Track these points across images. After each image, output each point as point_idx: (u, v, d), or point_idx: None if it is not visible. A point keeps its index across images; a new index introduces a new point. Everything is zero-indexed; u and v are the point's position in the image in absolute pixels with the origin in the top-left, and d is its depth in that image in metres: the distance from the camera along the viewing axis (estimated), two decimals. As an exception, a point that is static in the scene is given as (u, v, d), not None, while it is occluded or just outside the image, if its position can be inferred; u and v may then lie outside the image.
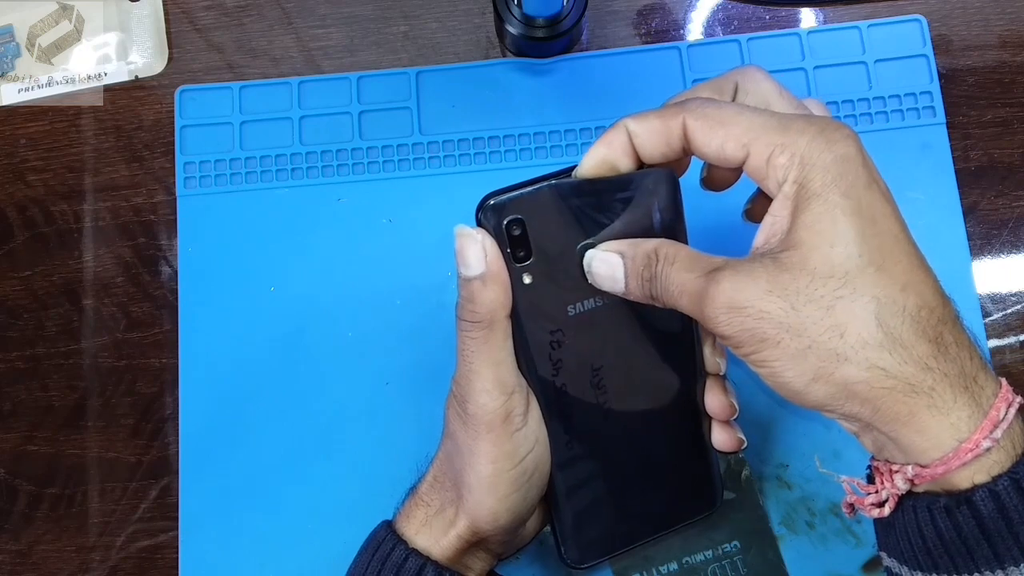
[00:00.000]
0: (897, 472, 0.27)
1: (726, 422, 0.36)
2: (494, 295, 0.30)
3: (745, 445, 0.36)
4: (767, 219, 0.28)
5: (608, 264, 0.30)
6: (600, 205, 0.31)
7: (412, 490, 0.35)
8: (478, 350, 0.31)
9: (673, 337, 0.34)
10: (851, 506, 0.29)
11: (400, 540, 0.32)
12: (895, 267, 0.26)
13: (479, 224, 0.31)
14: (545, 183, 0.31)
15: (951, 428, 0.25)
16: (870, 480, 0.29)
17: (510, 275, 0.31)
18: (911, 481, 0.27)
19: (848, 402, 0.26)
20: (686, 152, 0.30)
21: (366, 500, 0.43)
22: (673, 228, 0.32)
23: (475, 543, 0.33)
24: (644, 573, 0.42)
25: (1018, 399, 0.26)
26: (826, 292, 0.25)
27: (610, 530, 0.35)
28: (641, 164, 0.31)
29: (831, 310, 0.25)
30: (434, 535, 0.32)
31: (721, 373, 0.35)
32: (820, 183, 0.26)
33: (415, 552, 0.32)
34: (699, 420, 0.36)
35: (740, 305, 0.26)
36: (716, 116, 0.28)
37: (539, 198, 0.31)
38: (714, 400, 0.35)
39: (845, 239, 0.26)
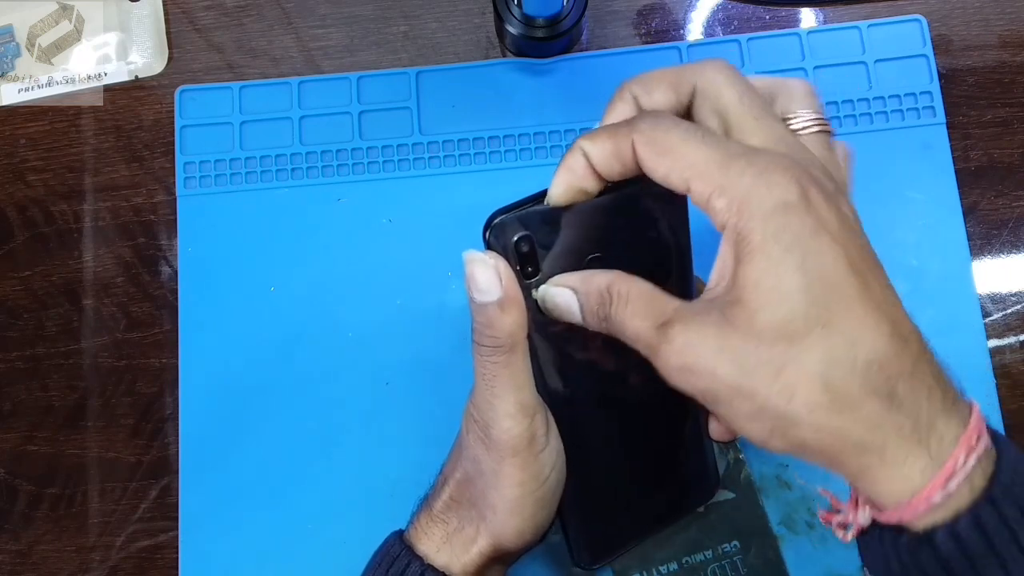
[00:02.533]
0: (860, 507, 0.27)
1: None
2: (513, 319, 0.30)
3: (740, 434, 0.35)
4: (719, 257, 0.27)
5: (563, 299, 0.30)
6: (606, 217, 0.31)
7: (425, 505, 0.34)
8: (499, 375, 0.30)
9: None
10: (826, 519, 0.30)
11: (415, 556, 0.32)
12: (844, 322, 0.25)
13: (488, 243, 0.30)
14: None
15: (904, 481, 0.25)
16: (851, 500, 0.29)
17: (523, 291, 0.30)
18: (872, 518, 0.27)
19: (806, 455, 0.26)
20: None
21: (366, 500, 0.43)
22: (677, 244, 0.32)
23: (495, 559, 0.33)
24: (644, 573, 0.42)
25: (983, 440, 0.25)
26: (773, 356, 0.25)
27: (617, 529, 0.36)
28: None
29: (780, 373, 0.25)
30: (455, 552, 0.32)
31: None
32: (760, 236, 0.25)
33: (431, 568, 0.32)
34: (697, 415, 0.36)
35: (691, 367, 0.26)
36: (661, 143, 0.27)
37: (545, 214, 0.30)
38: None
39: (790, 300, 0.25)
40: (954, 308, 0.45)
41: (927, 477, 0.25)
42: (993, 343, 0.45)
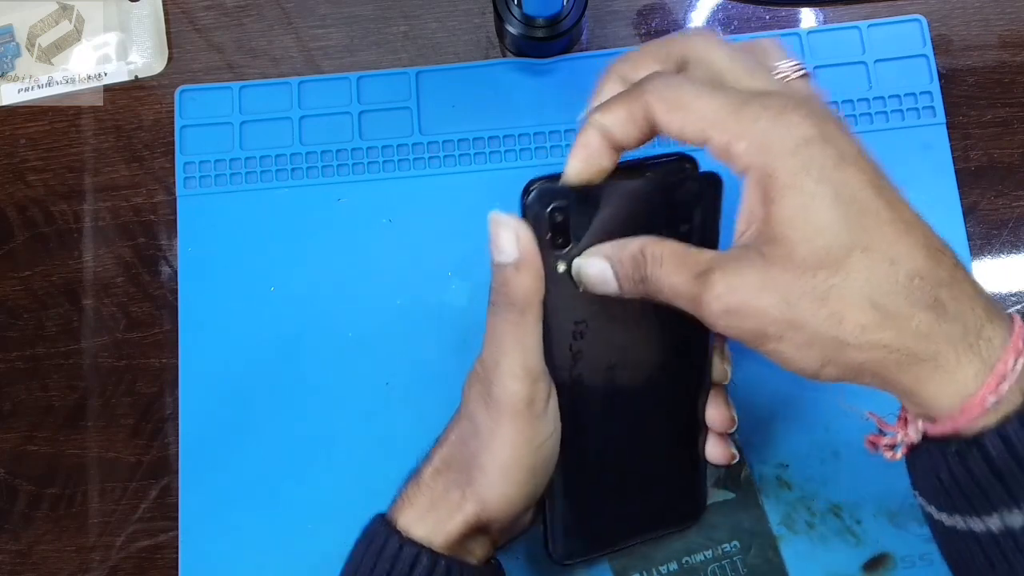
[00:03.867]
0: (911, 423, 0.28)
1: (722, 435, 0.36)
2: (527, 281, 0.30)
3: (736, 459, 0.36)
4: (743, 204, 0.28)
5: (598, 270, 0.30)
6: (643, 201, 0.31)
7: (413, 476, 0.35)
8: (508, 333, 0.31)
9: (688, 340, 0.34)
10: (872, 442, 0.30)
11: (394, 531, 0.32)
12: (881, 243, 0.26)
13: (524, 205, 0.31)
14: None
15: (957, 387, 0.26)
16: (899, 419, 0.30)
17: (545, 261, 0.31)
18: (924, 432, 0.27)
19: (860, 377, 0.27)
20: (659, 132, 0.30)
21: (366, 500, 0.43)
22: (708, 232, 0.32)
23: (479, 528, 0.33)
24: (644, 573, 0.42)
25: None
26: (817, 283, 0.26)
27: (598, 530, 0.36)
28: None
29: (825, 300, 0.26)
30: (439, 518, 0.32)
31: (726, 382, 0.35)
32: (787, 173, 0.26)
33: (409, 542, 0.32)
34: (696, 431, 0.36)
35: (736, 308, 0.27)
36: (674, 99, 0.28)
37: (586, 188, 0.30)
38: (715, 411, 0.35)
39: (827, 229, 0.26)
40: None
41: (980, 381, 0.25)
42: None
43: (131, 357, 0.46)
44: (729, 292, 0.27)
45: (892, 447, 0.29)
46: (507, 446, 0.31)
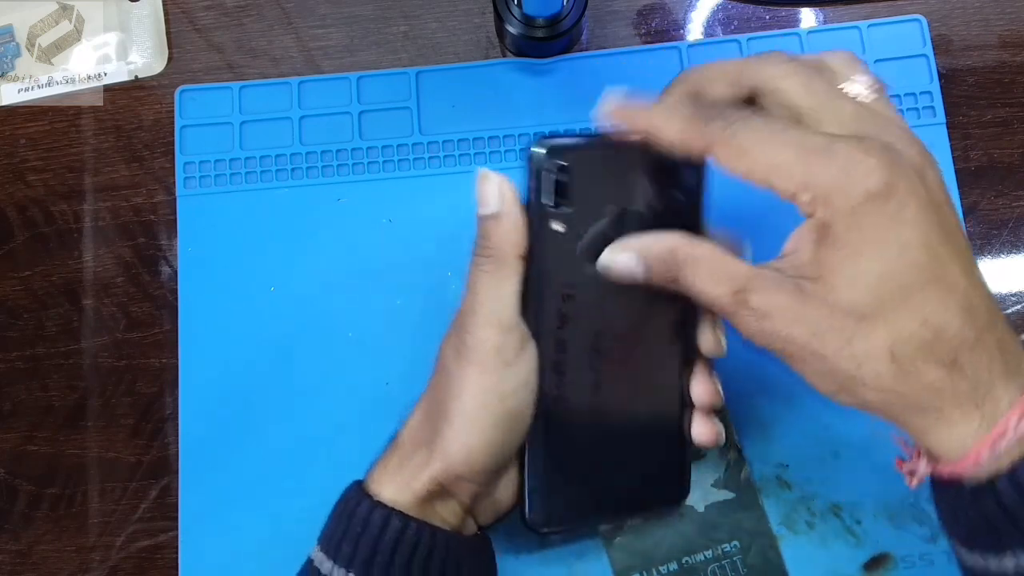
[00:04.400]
0: (922, 457, 0.30)
1: (708, 413, 0.36)
2: (505, 232, 0.31)
3: (722, 440, 0.36)
4: (797, 232, 0.29)
5: (626, 264, 0.31)
6: (648, 176, 0.32)
7: (390, 443, 0.35)
8: (484, 284, 0.32)
9: (679, 316, 0.35)
10: (899, 464, 0.31)
11: (365, 495, 0.33)
12: (915, 303, 0.27)
13: (529, 159, 0.31)
14: (600, 139, 0.32)
15: (956, 439, 0.27)
16: (916, 450, 0.31)
17: (541, 219, 0.31)
18: (931, 468, 0.29)
19: (870, 410, 0.29)
20: None
21: (366, 500, 0.43)
22: (698, 215, 0.33)
23: (447, 488, 0.33)
24: (644, 573, 0.42)
25: None
26: (846, 326, 0.27)
27: (577, 501, 0.35)
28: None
29: (850, 343, 0.27)
30: (405, 479, 0.33)
31: (721, 355, 0.35)
32: (844, 228, 0.27)
33: (380, 505, 0.32)
34: (683, 410, 0.36)
35: (769, 331, 0.28)
36: (737, 146, 0.28)
37: (592, 153, 0.31)
38: (700, 386, 0.35)
39: (868, 283, 0.27)
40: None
41: (979, 436, 0.27)
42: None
43: (131, 357, 0.46)
44: (765, 318, 0.28)
45: (912, 474, 0.30)
46: (472, 394, 0.31)
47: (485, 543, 0.36)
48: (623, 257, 0.31)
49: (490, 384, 0.32)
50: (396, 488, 0.33)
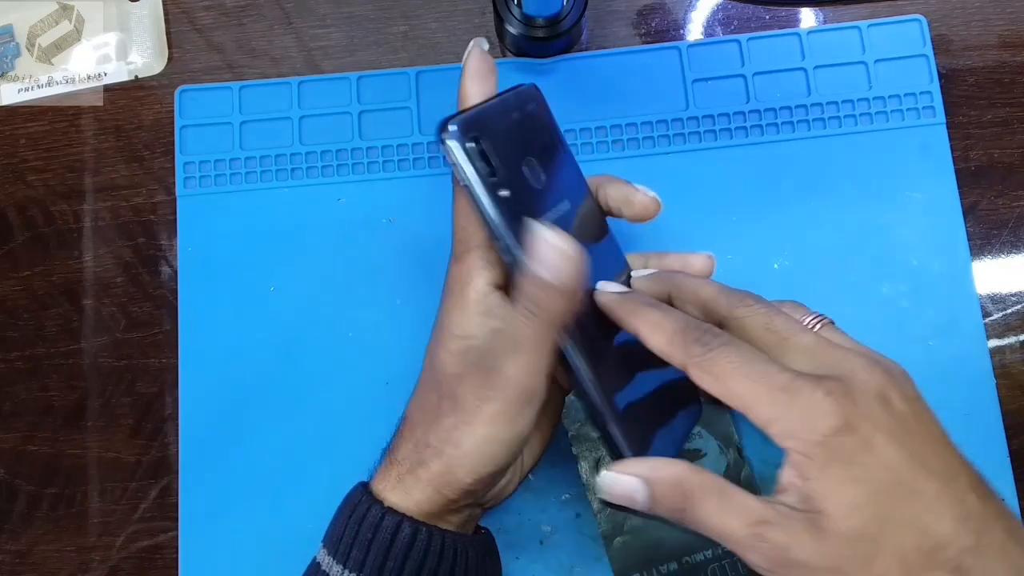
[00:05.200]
0: None
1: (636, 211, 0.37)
2: (568, 305, 0.31)
3: (658, 205, 0.37)
4: (787, 465, 0.30)
5: (629, 489, 0.31)
6: (518, 119, 0.33)
7: (388, 450, 0.35)
8: (532, 339, 0.31)
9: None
10: None
11: (376, 500, 0.33)
12: (908, 516, 0.28)
13: (443, 143, 0.31)
14: (483, 104, 0.32)
15: None
16: None
17: (489, 194, 0.31)
18: None
19: None
20: None
21: (366, 500, 0.43)
22: (557, 131, 0.36)
23: (454, 500, 0.33)
24: (644, 573, 0.42)
25: None
26: (859, 551, 0.28)
27: (649, 433, 0.35)
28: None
29: (869, 564, 0.28)
30: (413, 489, 0.33)
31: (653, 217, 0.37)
32: (819, 460, 0.28)
33: (390, 510, 0.32)
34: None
35: (790, 562, 0.29)
36: (713, 373, 0.30)
37: (486, 116, 0.32)
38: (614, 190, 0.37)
39: (859, 508, 0.28)
40: (954, 308, 0.45)
41: None
42: (993, 343, 0.45)
43: (131, 357, 0.46)
44: (783, 552, 0.29)
45: None
46: (486, 432, 0.31)
47: (491, 542, 0.36)
48: (626, 481, 0.31)
49: (505, 421, 0.32)
50: (404, 495, 0.33)
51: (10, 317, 0.47)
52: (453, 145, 0.31)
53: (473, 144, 0.31)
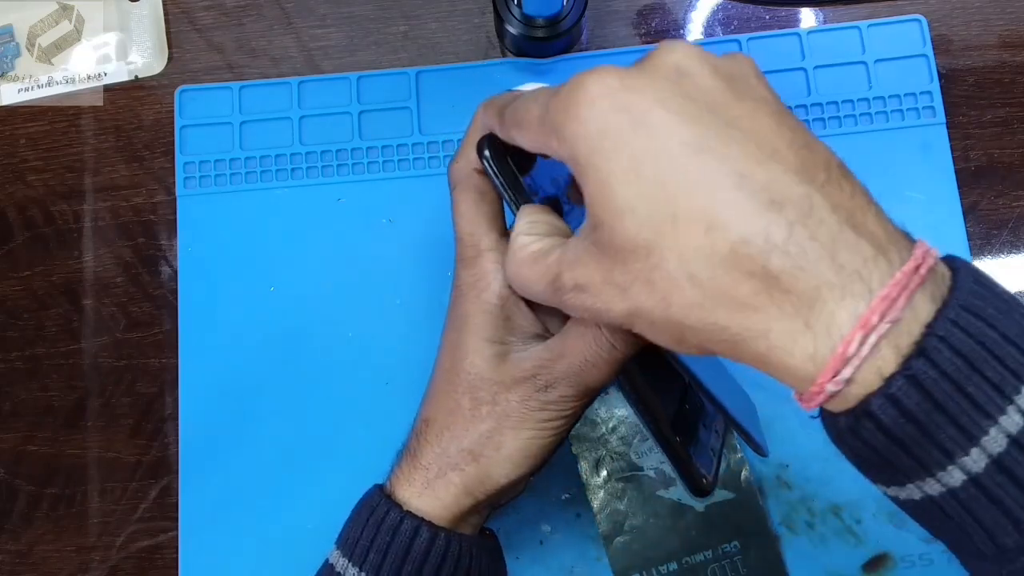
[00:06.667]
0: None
1: None
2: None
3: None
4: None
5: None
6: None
7: (407, 454, 0.34)
8: (608, 360, 0.30)
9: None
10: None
11: (394, 504, 0.32)
12: (691, 209, 0.23)
13: (491, 159, 0.31)
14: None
15: (796, 370, 0.23)
16: None
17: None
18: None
19: (717, 353, 0.25)
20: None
21: (366, 500, 0.43)
22: None
23: (476, 505, 0.33)
24: (644, 573, 0.42)
25: (895, 311, 0.22)
26: (640, 268, 0.24)
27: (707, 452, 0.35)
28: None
29: (652, 284, 0.24)
30: (436, 494, 0.32)
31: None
32: (584, 155, 0.24)
33: (409, 514, 0.32)
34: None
35: (577, 288, 0.26)
36: (513, 122, 0.28)
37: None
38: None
39: (630, 208, 0.23)
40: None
41: (820, 365, 0.22)
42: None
43: (131, 357, 0.46)
44: (578, 292, 0.26)
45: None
46: (536, 431, 0.31)
47: (498, 544, 0.36)
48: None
49: (552, 426, 0.32)
50: (432, 499, 0.32)
51: (10, 317, 0.47)
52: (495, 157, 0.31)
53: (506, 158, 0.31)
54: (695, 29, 0.49)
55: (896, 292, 0.22)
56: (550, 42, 0.46)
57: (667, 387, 0.34)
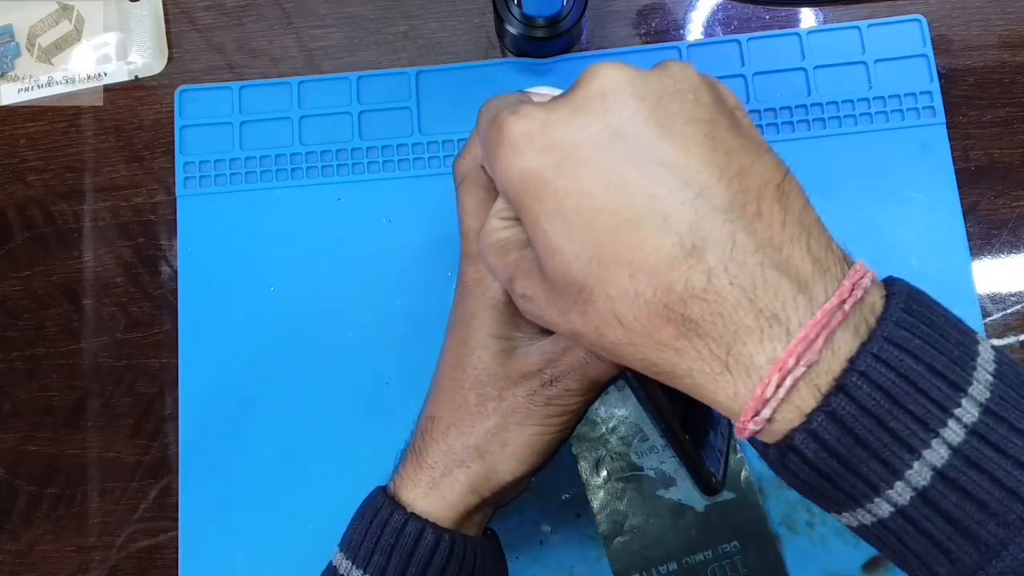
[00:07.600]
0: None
1: None
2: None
3: None
4: None
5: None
6: None
7: (411, 453, 0.34)
8: (594, 371, 0.31)
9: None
10: None
11: (398, 506, 0.32)
12: (616, 252, 0.23)
13: None
14: None
15: (725, 407, 0.24)
16: None
17: None
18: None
19: (660, 380, 0.25)
20: None
21: (366, 500, 0.43)
22: None
23: (480, 504, 0.33)
24: (644, 573, 0.42)
25: (810, 354, 0.22)
26: (576, 302, 0.25)
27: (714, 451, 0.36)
28: None
29: (587, 316, 0.24)
30: (441, 495, 0.32)
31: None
32: (513, 192, 0.25)
33: (414, 516, 0.32)
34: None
35: (541, 319, 0.27)
36: (473, 154, 0.30)
37: None
38: None
39: (559, 251, 0.24)
40: (954, 308, 0.44)
41: (740, 404, 0.23)
42: (993, 343, 0.45)
43: (131, 357, 0.46)
44: (527, 301, 0.27)
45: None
46: (542, 427, 0.32)
47: (499, 543, 0.36)
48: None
49: (559, 422, 0.32)
50: (438, 498, 0.32)
51: (10, 317, 0.47)
52: None
53: None
54: (695, 29, 0.49)
55: (815, 332, 0.22)
56: (550, 42, 0.46)
57: (675, 390, 0.34)
